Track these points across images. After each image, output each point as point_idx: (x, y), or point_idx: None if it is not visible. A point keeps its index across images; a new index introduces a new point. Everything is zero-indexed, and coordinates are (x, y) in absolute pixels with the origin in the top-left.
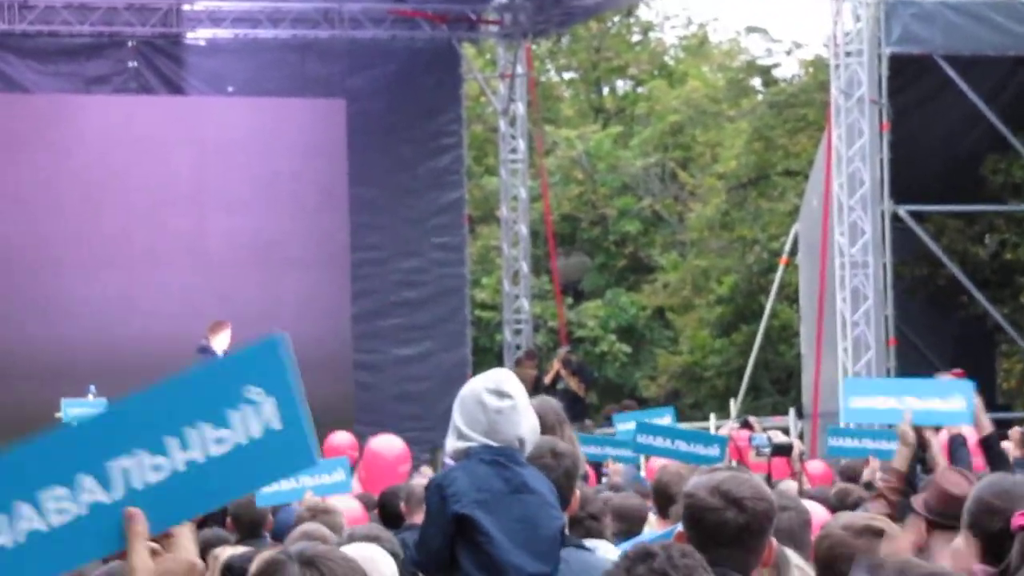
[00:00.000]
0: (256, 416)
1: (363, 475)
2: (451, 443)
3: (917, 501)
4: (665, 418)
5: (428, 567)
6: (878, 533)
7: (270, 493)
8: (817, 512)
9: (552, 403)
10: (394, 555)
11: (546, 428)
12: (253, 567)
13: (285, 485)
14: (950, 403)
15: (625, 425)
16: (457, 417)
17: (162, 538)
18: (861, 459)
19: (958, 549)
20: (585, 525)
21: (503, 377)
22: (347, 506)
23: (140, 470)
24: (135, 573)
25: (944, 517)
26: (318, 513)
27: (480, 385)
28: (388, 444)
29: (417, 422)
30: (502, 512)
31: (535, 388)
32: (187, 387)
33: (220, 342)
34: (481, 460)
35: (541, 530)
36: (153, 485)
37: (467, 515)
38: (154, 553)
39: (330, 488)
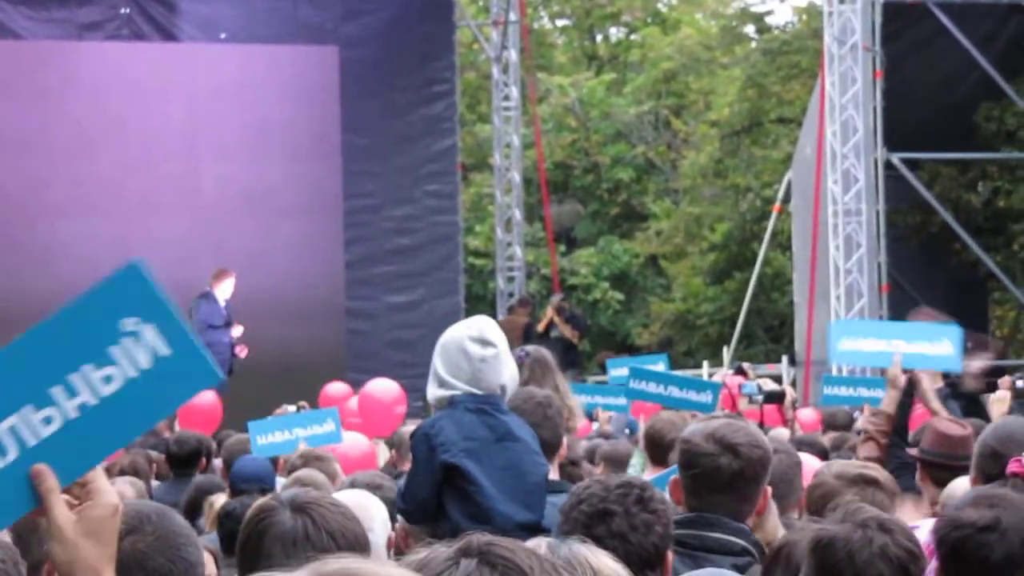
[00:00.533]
0: (139, 347)
1: (360, 419)
2: (432, 391)
3: (913, 451)
4: (658, 365)
5: (414, 515)
6: (871, 481)
7: (264, 444)
8: (808, 461)
9: (545, 352)
10: (392, 503)
11: (540, 377)
12: (247, 514)
13: (279, 437)
14: (938, 347)
15: (618, 371)
16: (439, 365)
17: (75, 488)
18: (843, 408)
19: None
20: (567, 471)
21: (486, 325)
22: (355, 440)
23: (30, 426)
24: (59, 528)
25: (943, 458)
26: (310, 460)
27: (463, 333)
28: (384, 387)
29: (409, 369)
30: (488, 460)
31: (526, 336)
32: (57, 333)
33: (223, 290)
34: (467, 408)
35: (527, 477)
36: (48, 438)
37: (456, 464)
38: (71, 505)
39: (322, 439)
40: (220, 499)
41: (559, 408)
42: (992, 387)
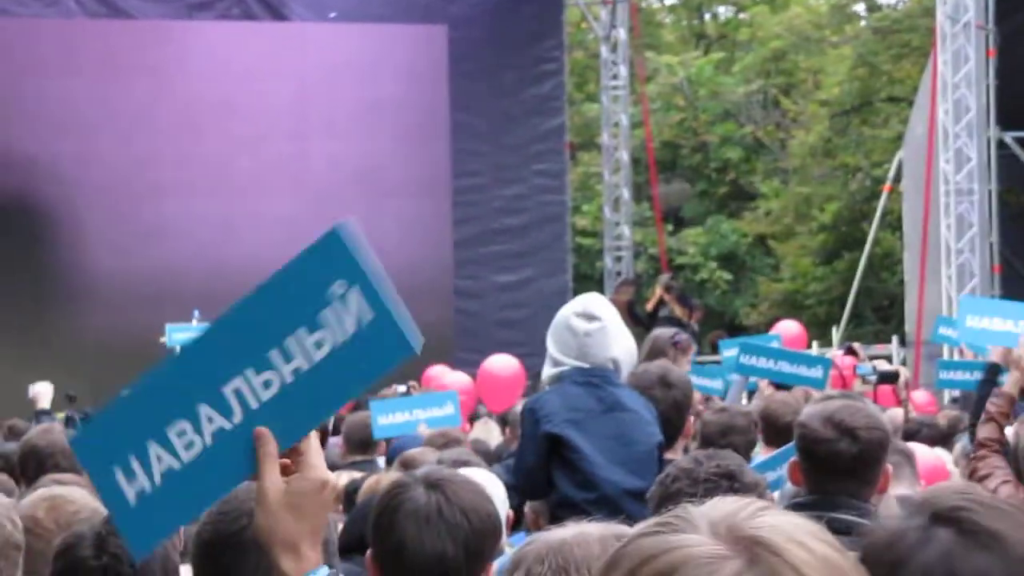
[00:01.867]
0: (346, 310)
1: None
2: (546, 371)
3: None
4: (772, 344)
5: (526, 489)
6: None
7: (385, 425)
8: (919, 450)
9: (664, 334)
10: None
11: (655, 356)
12: (381, 488)
13: (399, 418)
14: None
15: (730, 352)
16: (550, 344)
17: (290, 455)
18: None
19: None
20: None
21: (591, 300)
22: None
23: (252, 389)
24: (264, 494)
25: None
26: (451, 442)
27: (569, 310)
28: (504, 364)
29: (518, 348)
30: (595, 430)
31: (630, 314)
32: (272, 297)
33: None
34: (574, 382)
35: (636, 446)
36: (267, 402)
37: (558, 434)
38: (284, 470)
39: (442, 420)
40: (342, 477)
41: (683, 386)
42: None
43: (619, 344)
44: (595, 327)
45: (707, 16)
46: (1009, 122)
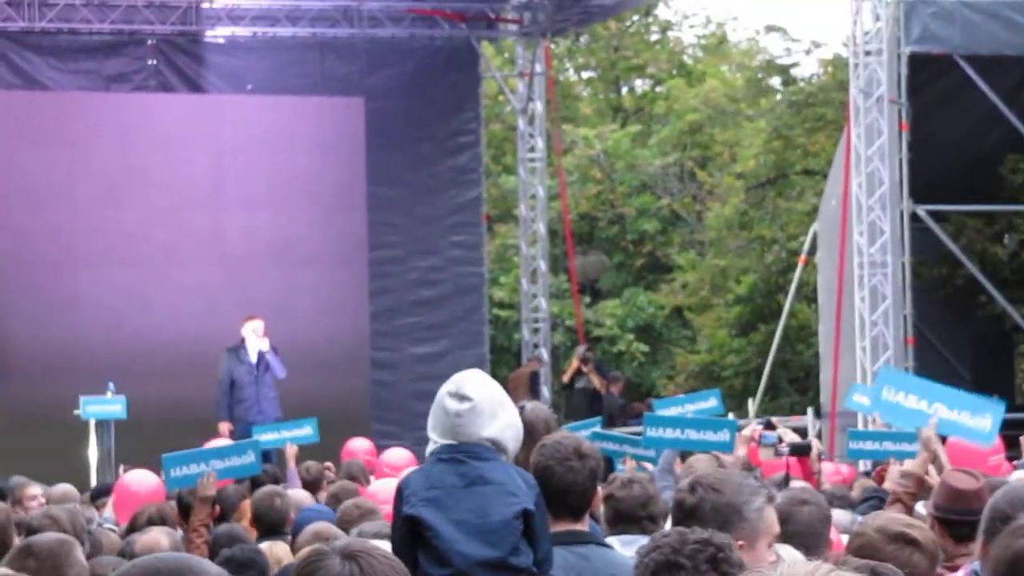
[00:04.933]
0: None
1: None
2: (429, 447)
3: (928, 505)
4: (711, 400)
5: None
6: (911, 542)
7: (178, 477)
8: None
9: (542, 411)
10: None
11: (536, 435)
12: (298, 558)
13: (193, 469)
14: (977, 421)
15: (667, 411)
16: (430, 420)
17: None
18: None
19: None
20: (642, 525)
21: (465, 379)
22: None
23: None
24: None
25: (953, 514)
26: (365, 512)
27: (445, 388)
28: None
29: None
30: (453, 505)
31: (532, 385)
32: None
33: (250, 329)
34: (439, 459)
35: (492, 516)
36: None
37: (414, 515)
38: None
39: (240, 470)
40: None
41: (596, 456)
42: None
43: (496, 424)
44: (465, 407)
45: (624, 89)
46: (922, 195)
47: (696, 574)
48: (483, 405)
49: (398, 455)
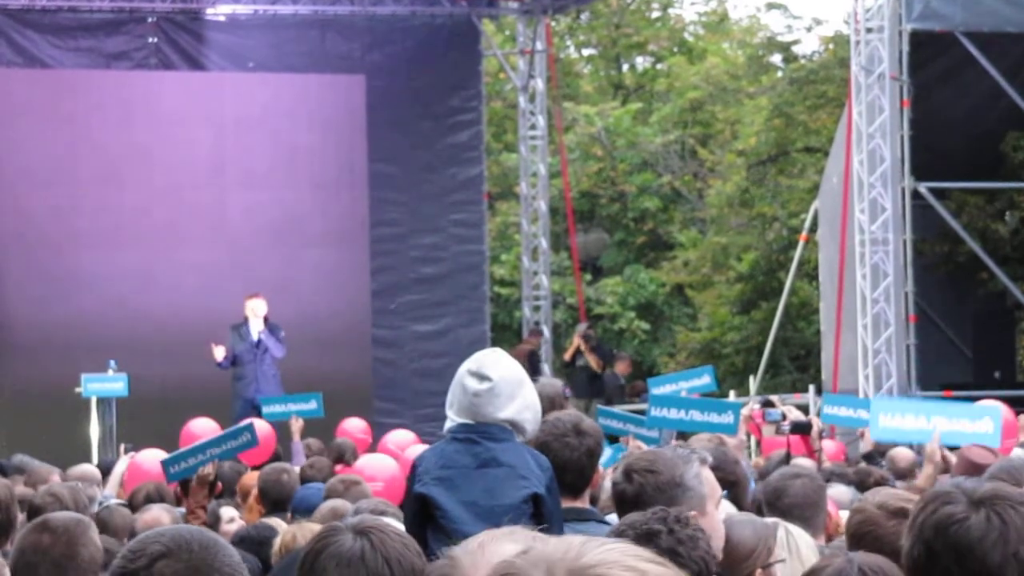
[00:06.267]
0: None
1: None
2: (446, 424)
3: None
4: (704, 377)
5: None
6: None
7: (177, 472)
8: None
9: (550, 388)
10: None
11: (547, 409)
12: (311, 536)
13: (191, 461)
14: (978, 425)
15: (660, 389)
16: (448, 397)
17: None
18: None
19: None
20: None
21: (486, 359)
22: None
23: None
24: None
25: None
26: (349, 486)
27: (465, 367)
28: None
29: (436, 398)
30: (465, 487)
31: (530, 363)
32: None
33: (249, 309)
34: (454, 438)
35: (502, 500)
36: None
37: (424, 493)
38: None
39: (236, 450)
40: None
41: (595, 434)
42: None
43: (514, 405)
44: (484, 387)
45: (625, 67)
46: (923, 172)
47: (673, 533)
48: (502, 386)
49: (402, 437)
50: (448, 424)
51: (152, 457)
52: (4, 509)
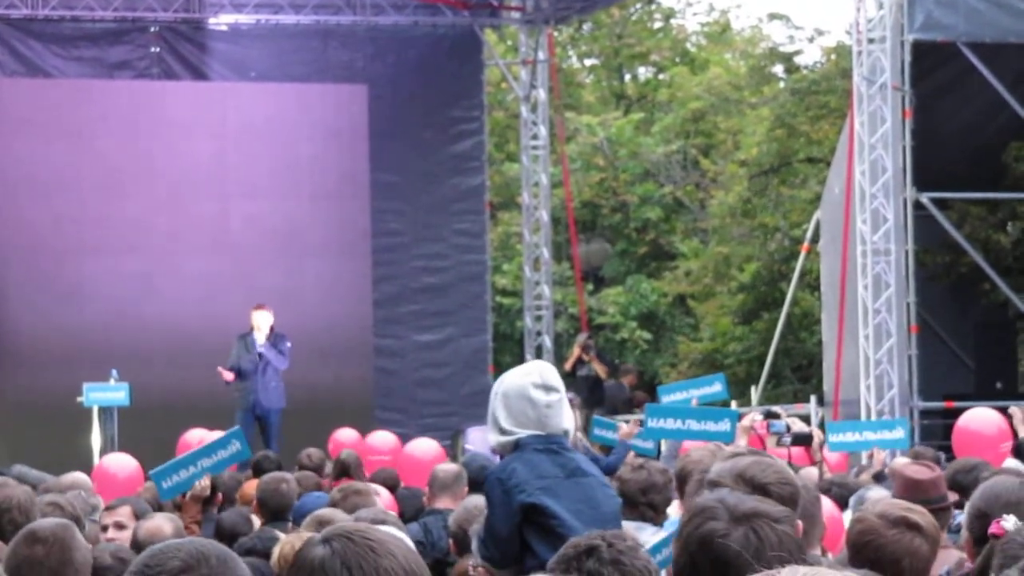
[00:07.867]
0: None
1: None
2: (495, 438)
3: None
4: (715, 385)
5: (498, 559)
6: (913, 526)
7: (170, 487)
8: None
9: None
10: None
11: None
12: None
13: (183, 475)
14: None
15: (669, 397)
16: (501, 413)
17: None
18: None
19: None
20: (640, 511)
21: (547, 371)
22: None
23: None
24: None
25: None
26: (348, 495)
27: (525, 381)
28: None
29: (438, 408)
30: (565, 496)
31: None
32: None
33: (259, 322)
34: (535, 449)
35: (602, 508)
36: None
37: (534, 503)
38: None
39: (227, 461)
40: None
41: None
42: None
43: (569, 413)
44: (555, 399)
45: (627, 77)
46: (925, 183)
47: (612, 546)
48: (564, 396)
49: (383, 439)
50: (507, 437)
51: (120, 463)
52: (24, 514)
